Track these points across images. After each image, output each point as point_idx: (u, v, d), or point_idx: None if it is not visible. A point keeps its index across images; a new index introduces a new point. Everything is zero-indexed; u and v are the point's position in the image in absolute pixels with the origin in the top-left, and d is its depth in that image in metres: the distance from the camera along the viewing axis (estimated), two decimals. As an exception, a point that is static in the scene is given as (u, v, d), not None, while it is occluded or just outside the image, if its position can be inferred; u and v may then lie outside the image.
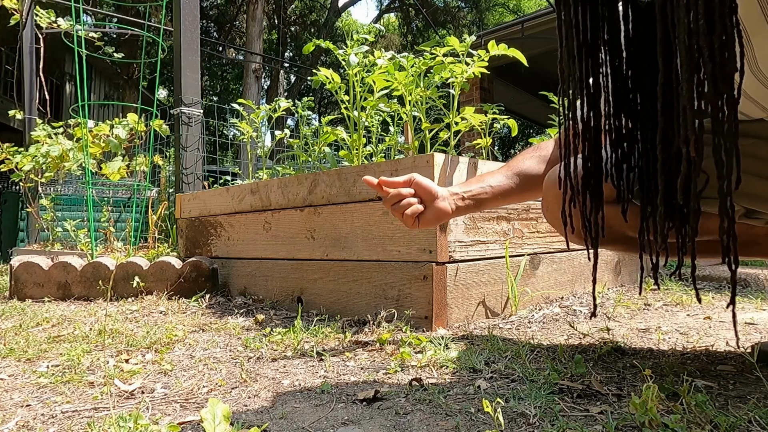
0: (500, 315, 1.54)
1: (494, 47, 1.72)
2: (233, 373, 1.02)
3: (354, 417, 0.77)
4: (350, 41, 1.89)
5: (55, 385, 0.95)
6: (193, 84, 3.05)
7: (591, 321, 1.45)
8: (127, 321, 1.58)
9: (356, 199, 1.56)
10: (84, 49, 2.58)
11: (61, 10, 5.10)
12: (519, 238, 1.62)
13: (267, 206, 1.90)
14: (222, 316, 1.66)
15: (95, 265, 2.06)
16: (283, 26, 18.19)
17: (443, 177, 1.38)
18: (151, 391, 0.91)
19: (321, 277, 1.67)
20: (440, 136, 1.95)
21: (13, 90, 5.38)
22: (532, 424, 0.71)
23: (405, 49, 16.58)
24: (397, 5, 20.10)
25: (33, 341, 1.30)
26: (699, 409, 0.71)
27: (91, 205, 2.45)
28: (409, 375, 0.97)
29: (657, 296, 1.85)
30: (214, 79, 21.29)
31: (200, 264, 2.07)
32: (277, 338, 1.27)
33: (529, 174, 1.10)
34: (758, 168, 0.88)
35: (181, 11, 3.02)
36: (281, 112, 2.66)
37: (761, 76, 0.75)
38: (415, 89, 1.79)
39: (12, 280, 2.06)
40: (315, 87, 2.18)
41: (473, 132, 2.33)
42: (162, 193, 3.86)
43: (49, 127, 3.17)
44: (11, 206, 5.11)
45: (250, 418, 0.77)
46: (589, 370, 0.94)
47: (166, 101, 13.57)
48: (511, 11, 20.28)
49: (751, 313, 1.51)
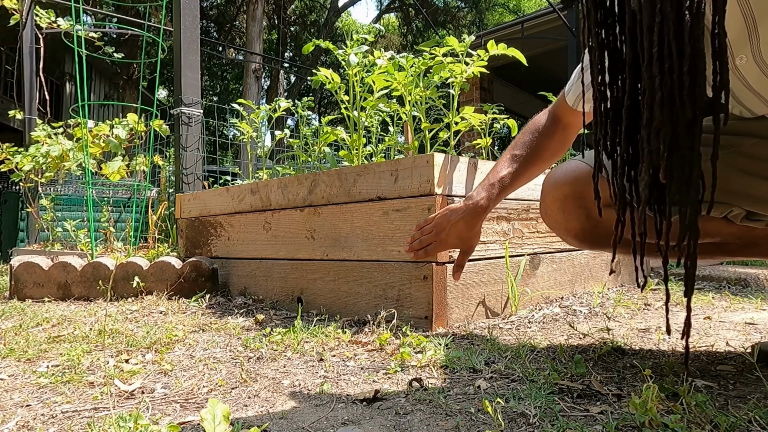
0: (500, 315, 1.54)
1: (494, 47, 1.72)
2: (233, 373, 1.01)
3: (354, 417, 0.77)
4: (350, 41, 1.89)
5: (55, 385, 0.95)
6: (193, 84, 3.05)
7: (591, 321, 1.45)
8: (127, 321, 1.58)
9: (356, 199, 1.56)
10: (84, 49, 2.58)
11: (61, 10, 5.10)
12: (519, 238, 1.62)
13: (267, 206, 1.91)
14: (222, 316, 1.66)
15: (95, 265, 2.06)
16: (283, 26, 18.19)
17: (443, 177, 1.38)
18: (151, 391, 0.91)
19: (321, 277, 1.67)
20: (440, 136, 1.95)
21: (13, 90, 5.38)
22: (532, 424, 0.71)
23: (405, 49, 16.57)
24: (396, 5, 20.09)
25: (33, 341, 1.30)
26: (699, 409, 0.71)
27: (91, 205, 2.45)
28: (409, 375, 0.97)
29: (657, 296, 1.85)
30: (214, 79, 21.29)
31: (200, 264, 2.07)
32: (277, 338, 1.27)
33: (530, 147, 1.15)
34: (759, 169, 0.87)
35: (181, 11, 3.02)
36: (281, 112, 2.66)
37: (765, 66, 0.75)
38: (414, 89, 1.79)
39: (12, 280, 2.06)
40: (315, 87, 2.18)
41: (473, 132, 2.33)
42: (162, 193, 3.86)
43: (49, 127, 3.17)
44: (11, 206, 5.11)
45: (250, 418, 0.77)
46: (589, 370, 0.94)
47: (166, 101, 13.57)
48: (511, 11, 20.28)
49: (751, 313, 1.51)
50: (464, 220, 1.16)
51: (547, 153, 1.15)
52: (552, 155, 1.16)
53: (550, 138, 1.13)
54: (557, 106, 1.13)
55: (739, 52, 0.74)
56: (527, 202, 1.65)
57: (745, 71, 0.76)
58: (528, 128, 1.17)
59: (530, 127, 1.16)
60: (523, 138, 1.16)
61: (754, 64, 0.75)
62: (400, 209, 1.43)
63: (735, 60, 0.76)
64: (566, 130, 1.14)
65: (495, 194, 1.14)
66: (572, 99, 1.07)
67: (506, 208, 1.58)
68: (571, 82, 1.08)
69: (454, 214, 1.18)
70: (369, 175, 1.53)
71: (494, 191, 1.14)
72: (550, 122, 1.14)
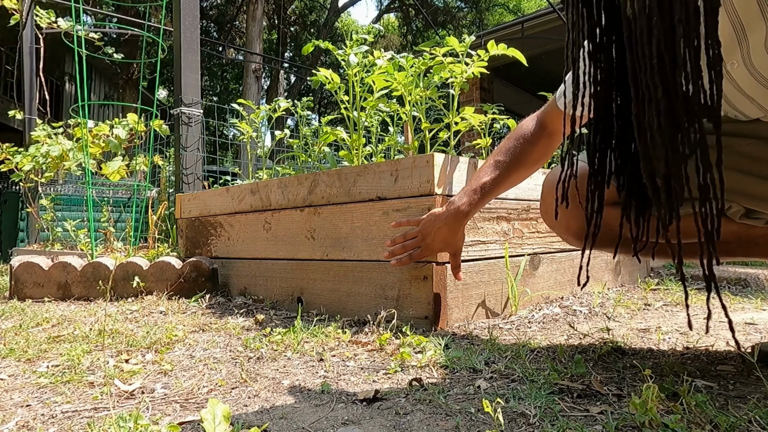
0: (500, 315, 1.54)
1: (494, 47, 1.72)
2: (233, 373, 1.02)
3: (354, 417, 0.77)
4: (350, 41, 1.89)
5: (55, 385, 0.95)
6: (193, 84, 3.05)
7: (591, 321, 1.45)
8: (127, 321, 1.58)
9: (356, 199, 1.56)
10: (84, 49, 2.58)
11: (61, 10, 5.11)
12: (519, 238, 1.62)
13: (267, 206, 1.91)
14: (222, 316, 1.66)
15: (95, 265, 2.06)
16: (283, 26, 18.19)
17: (443, 177, 1.38)
18: (151, 391, 0.91)
19: (321, 277, 1.67)
20: (440, 136, 1.95)
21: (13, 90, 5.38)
22: (532, 424, 0.71)
23: (405, 50, 16.56)
24: (396, 5, 20.09)
25: (33, 341, 1.30)
26: (699, 409, 0.71)
27: (91, 205, 2.45)
28: (409, 375, 0.97)
29: (657, 296, 1.85)
30: (214, 79, 21.29)
31: (200, 264, 2.07)
32: (277, 338, 1.27)
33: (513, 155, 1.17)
34: (757, 168, 0.88)
35: (181, 11, 3.01)
36: (281, 112, 2.66)
37: (755, 72, 0.75)
38: (414, 89, 1.79)
39: (12, 280, 2.06)
40: (315, 87, 2.18)
41: (473, 132, 2.33)
42: (162, 193, 3.86)
43: (49, 127, 3.17)
44: (11, 206, 5.11)
45: (250, 418, 0.77)
46: (589, 370, 0.94)
47: (166, 101, 13.57)
48: (511, 11, 20.28)
49: (751, 313, 1.51)
50: (447, 225, 1.21)
51: (530, 160, 1.16)
52: (535, 162, 1.17)
53: (534, 145, 1.14)
54: (545, 112, 1.14)
55: (730, 58, 0.75)
56: (527, 202, 1.65)
57: (737, 76, 0.77)
58: (513, 134, 1.17)
59: (515, 134, 1.17)
60: (508, 144, 1.17)
61: (745, 69, 0.75)
62: (400, 209, 1.43)
63: (726, 65, 0.76)
64: (551, 137, 1.14)
65: (476, 200, 1.17)
66: (563, 104, 1.07)
67: (506, 209, 1.58)
68: (562, 87, 1.08)
69: (437, 220, 1.22)
70: (369, 175, 1.53)
71: (476, 197, 1.16)
72: (535, 129, 1.14)
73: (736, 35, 0.72)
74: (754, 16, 0.69)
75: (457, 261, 1.28)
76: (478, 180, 1.17)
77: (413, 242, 1.29)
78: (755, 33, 0.70)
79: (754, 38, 0.71)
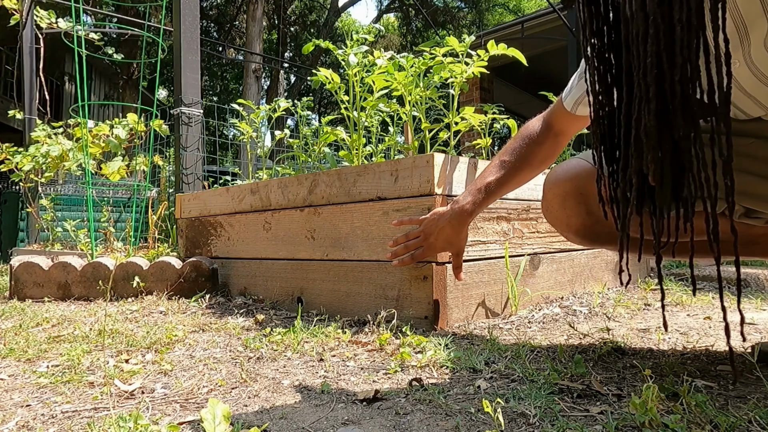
0: (500, 315, 1.54)
1: (494, 47, 1.72)
2: (233, 373, 1.02)
3: (354, 417, 0.77)
4: (350, 41, 1.89)
5: (55, 385, 0.95)
6: (193, 84, 3.05)
7: (591, 321, 1.45)
8: (127, 321, 1.58)
9: (356, 199, 1.56)
10: (84, 49, 2.58)
11: (61, 10, 5.11)
12: (519, 238, 1.62)
13: (267, 206, 1.91)
14: (222, 316, 1.66)
15: (95, 265, 2.06)
16: (283, 26, 18.19)
17: (443, 177, 1.38)
18: (151, 391, 0.91)
19: (321, 277, 1.67)
20: (440, 136, 1.95)
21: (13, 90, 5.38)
22: (532, 424, 0.71)
23: (405, 50, 16.56)
24: (396, 5, 20.09)
25: (33, 341, 1.30)
26: (699, 409, 0.71)
27: (91, 205, 2.45)
28: (409, 375, 0.97)
29: (657, 296, 1.85)
30: (214, 79, 21.29)
31: (200, 264, 2.07)
32: (277, 338, 1.27)
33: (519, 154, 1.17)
34: (757, 168, 0.88)
35: (181, 11, 3.01)
36: (281, 112, 2.66)
37: (756, 70, 0.75)
38: (414, 89, 1.79)
39: (12, 280, 2.06)
40: (315, 87, 2.18)
41: (473, 132, 2.33)
42: (162, 193, 3.86)
43: (49, 127, 3.17)
44: (11, 206, 5.11)
45: (250, 418, 0.77)
46: (589, 370, 0.94)
47: (166, 101, 13.57)
48: (511, 11, 20.28)
49: (751, 313, 1.51)
50: (451, 225, 1.20)
51: (536, 160, 1.16)
52: (541, 162, 1.17)
53: (541, 145, 1.14)
54: (551, 113, 1.14)
55: (732, 58, 0.75)
56: (527, 202, 1.65)
57: (738, 75, 0.77)
58: (519, 134, 1.17)
59: (522, 133, 1.17)
60: (514, 144, 1.17)
61: (747, 68, 0.75)
62: (400, 209, 1.43)
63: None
64: (558, 138, 1.14)
65: (480, 200, 1.16)
66: (570, 104, 1.07)
67: (506, 209, 1.58)
68: (569, 87, 1.08)
69: (441, 219, 1.22)
70: (369, 175, 1.53)
71: (480, 197, 1.16)
72: (542, 129, 1.14)
73: (738, 34, 0.72)
74: (756, 15, 0.69)
75: (459, 261, 1.27)
76: (483, 179, 1.17)
77: (416, 242, 1.28)
78: (756, 31, 0.70)
79: (755, 36, 0.71)
